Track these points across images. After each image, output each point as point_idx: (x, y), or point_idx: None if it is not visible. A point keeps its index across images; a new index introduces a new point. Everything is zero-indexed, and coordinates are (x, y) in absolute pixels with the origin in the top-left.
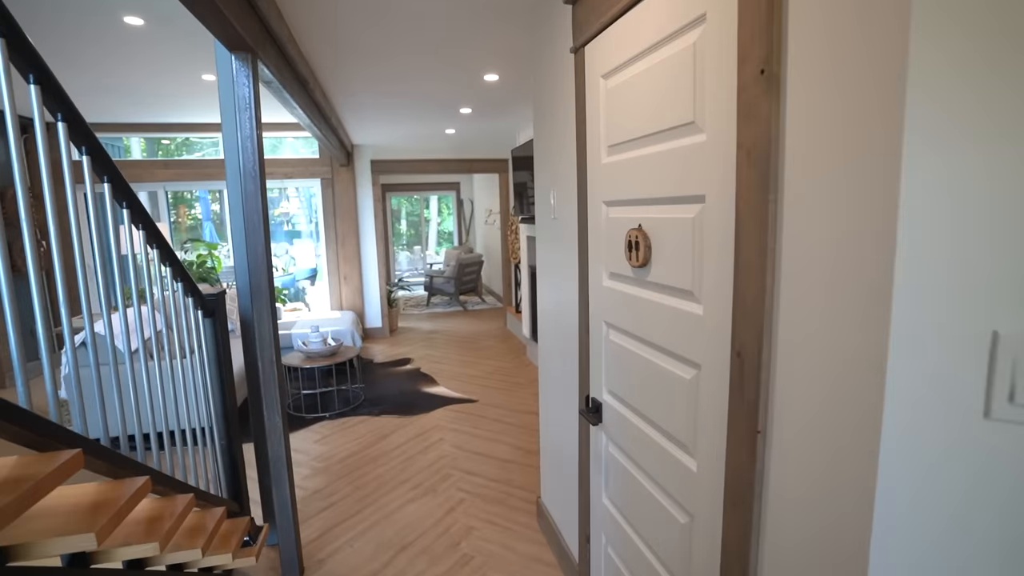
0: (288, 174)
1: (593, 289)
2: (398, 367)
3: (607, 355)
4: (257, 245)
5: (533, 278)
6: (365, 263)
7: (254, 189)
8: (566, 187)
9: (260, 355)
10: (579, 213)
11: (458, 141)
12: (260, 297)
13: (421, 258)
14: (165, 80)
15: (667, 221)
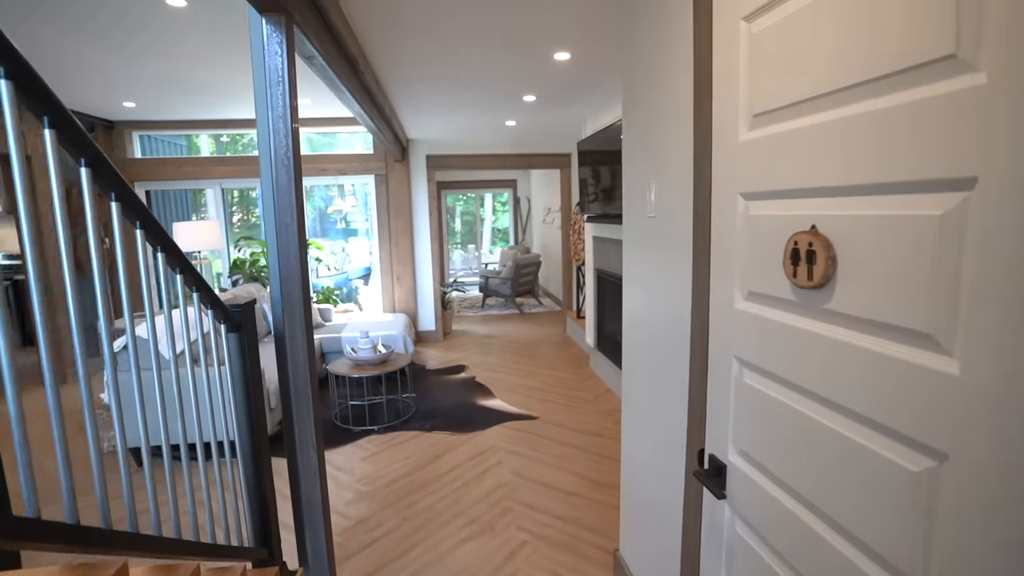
0: (342, 170)
1: (717, 312)
2: (452, 375)
3: (739, 403)
4: (290, 247)
5: (599, 283)
6: (419, 263)
7: (287, 180)
8: (674, 176)
9: (293, 378)
10: (696, 209)
11: (518, 134)
12: (293, 308)
13: (475, 257)
14: (216, 71)
15: (877, 221)
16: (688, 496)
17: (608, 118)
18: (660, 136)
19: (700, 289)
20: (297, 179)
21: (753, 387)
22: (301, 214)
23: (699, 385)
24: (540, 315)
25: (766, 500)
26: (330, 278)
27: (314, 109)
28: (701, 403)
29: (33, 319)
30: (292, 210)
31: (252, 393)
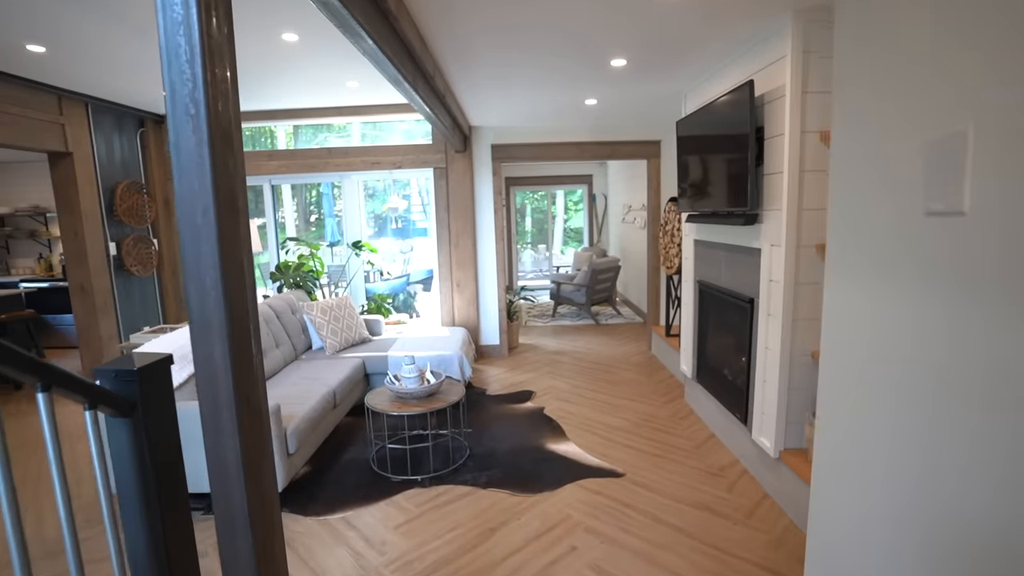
0: (397, 163)
1: None
2: (516, 404)
3: None
4: (201, 242)
5: (701, 298)
6: (482, 268)
7: (194, 141)
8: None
9: (215, 447)
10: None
11: (599, 117)
12: (209, 333)
13: (546, 258)
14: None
15: None
16: None
17: (719, 88)
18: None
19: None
20: (217, 138)
21: None
22: (225, 190)
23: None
24: (619, 328)
25: None
26: (386, 284)
27: (363, 94)
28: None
29: None
30: (205, 183)
31: (158, 525)
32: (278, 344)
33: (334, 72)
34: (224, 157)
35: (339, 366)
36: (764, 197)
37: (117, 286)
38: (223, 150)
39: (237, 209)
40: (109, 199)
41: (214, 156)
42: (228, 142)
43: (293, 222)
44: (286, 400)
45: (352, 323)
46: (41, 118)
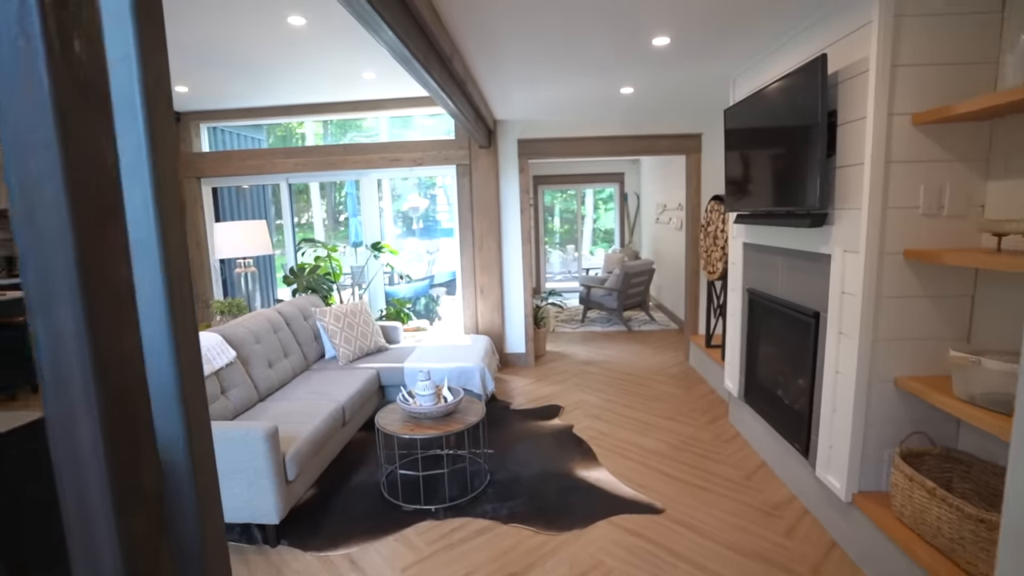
0: (417, 160)
1: None
2: (542, 421)
3: None
4: (48, 224)
5: (752, 309)
6: (507, 272)
7: (30, 92)
8: None
9: (74, 520)
10: None
11: (634, 108)
12: (71, 423)
13: (575, 259)
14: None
15: None
16: None
17: (777, 68)
18: None
19: None
20: (69, 89)
21: None
22: (94, 183)
23: None
24: (652, 335)
25: None
26: (409, 286)
27: (381, 87)
28: None
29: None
30: (45, 135)
31: None
32: (287, 353)
33: (348, 62)
34: (84, 120)
35: (351, 378)
36: (836, 194)
37: None
38: (81, 110)
39: (110, 208)
40: None
41: (61, 113)
42: (93, 98)
43: (321, 222)
44: (289, 418)
45: (367, 331)
46: None
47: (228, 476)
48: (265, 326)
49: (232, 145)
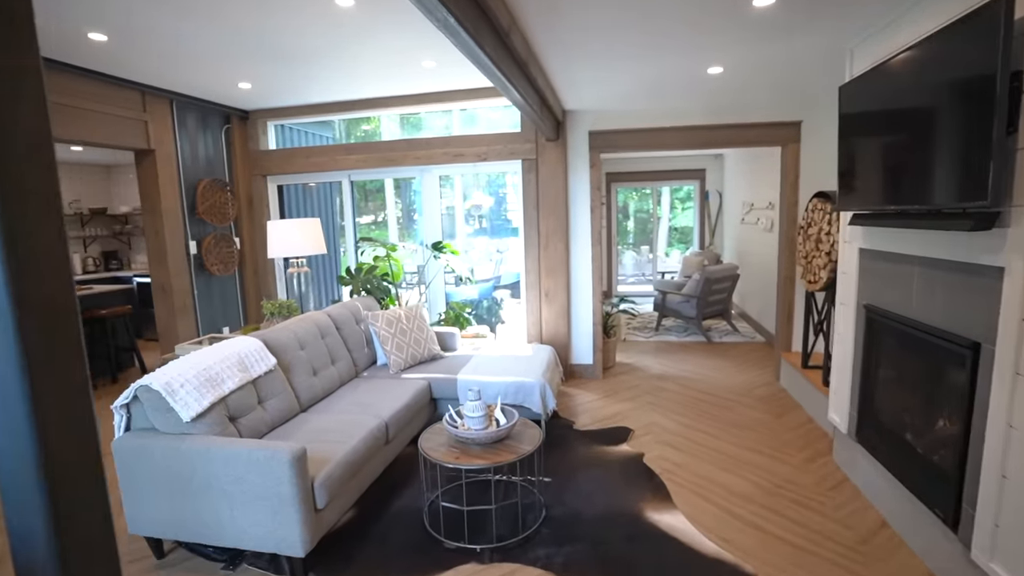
0: (482, 155)
1: None
2: (608, 446)
3: None
4: None
5: (870, 329)
6: (575, 276)
7: None
8: None
9: None
10: None
11: (723, 92)
12: None
13: (648, 260)
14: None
15: None
16: None
17: (916, 29)
18: None
19: None
20: None
21: None
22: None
23: None
24: (735, 348)
25: None
26: (473, 288)
27: (442, 77)
28: None
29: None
30: None
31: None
32: (334, 360)
33: (405, 49)
34: None
35: (400, 389)
36: (1015, 186)
37: (197, 286)
38: None
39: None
40: (191, 197)
41: None
42: None
43: (395, 221)
44: (325, 436)
45: (421, 337)
46: (124, 115)
47: (252, 502)
48: (312, 330)
49: (300, 143)
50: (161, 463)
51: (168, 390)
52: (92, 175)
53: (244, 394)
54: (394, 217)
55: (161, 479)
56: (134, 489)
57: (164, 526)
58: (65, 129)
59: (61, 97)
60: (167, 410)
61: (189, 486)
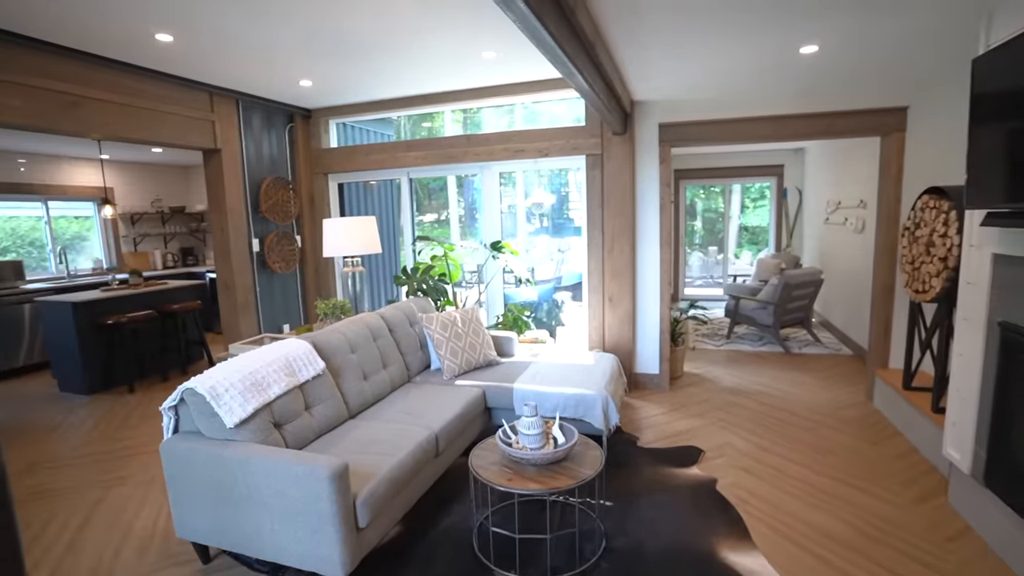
0: (543, 151)
1: None
2: (676, 468)
3: None
4: None
5: (1011, 352)
6: (642, 279)
7: None
8: None
9: None
10: None
11: (815, 74)
12: None
13: (717, 262)
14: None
15: None
16: None
17: None
18: None
19: None
20: None
21: None
22: None
23: None
24: (818, 361)
25: None
26: (533, 289)
27: (504, 68)
28: None
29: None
30: None
31: None
32: (386, 364)
33: (464, 40)
34: None
35: (453, 397)
36: None
37: (259, 283)
38: None
39: None
40: (255, 195)
41: None
42: None
43: (458, 219)
44: (371, 447)
45: (477, 342)
46: (193, 116)
47: (292, 517)
48: (364, 333)
49: (362, 142)
50: (204, 469)
51: (213, 394)
52: (172, 175)
53: (291, 399)
54: (456, 215)
55: (205, 485)
56: (180, 493)
57: (208, 533)
58: (139, 130)
59: (135, 99)
60: (211, 415)
61: (231, 495)
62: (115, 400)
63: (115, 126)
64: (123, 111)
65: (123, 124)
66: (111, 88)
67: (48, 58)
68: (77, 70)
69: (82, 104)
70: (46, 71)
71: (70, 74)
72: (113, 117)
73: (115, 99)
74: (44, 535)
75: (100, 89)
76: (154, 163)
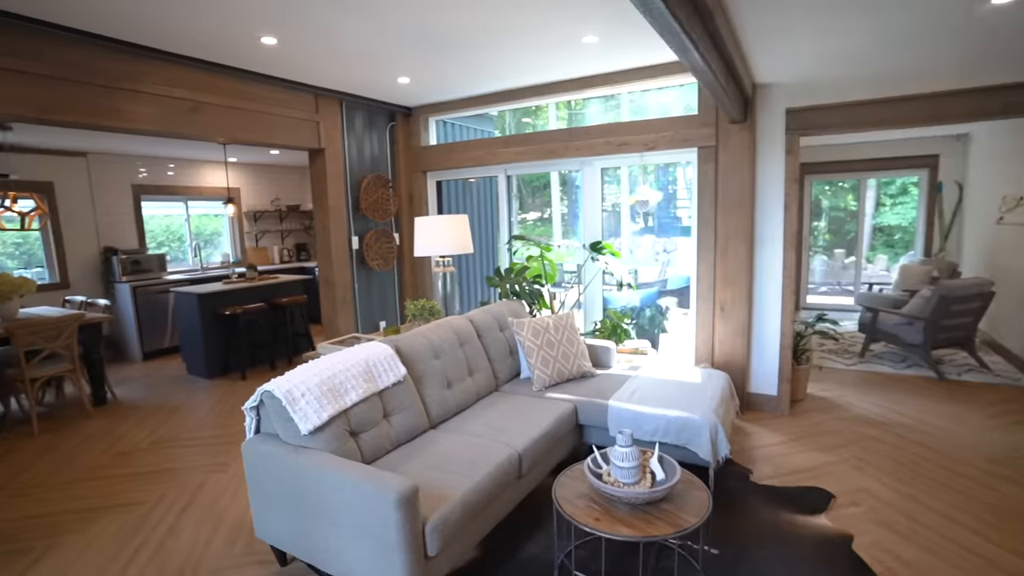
0: (650, 144)
1: None
2: (798, 515)
3: None
4: None
5: None
6: (760, 286)
7: None
8: None
9: None
10: None
11: (998, 34)
12: None
13: (843, 267)
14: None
15: None
16: None
17: None
18: None
19: None
20: None
21: None
22: None
23: None
24: (984, 390)
25: None
26: (635, 293)
27: (606, 55)
28: None
29: None
30: None
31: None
32: (472, 371)
33: (564, 24)
34: None
35: (542, 412)
36: None
37: (357, 280)
38: None
39: None
40: (355, 194)
41: None
42: None
43: (560, 218)
44: (447, 465)
45: (571, 351)
46: (300, 117)
47: (359, 536)
48: (450, 338)
49: (460, 139)
50: (279, 474)
51: (289, 398)
52: (289, 175)
53: (368, 407)
54: (559, 214)
55: (280, 490)
56: (259, 494)
57: (283, 537)
58: (252, 132)
59: (247, 103)
60: (287, 420)
61: (304, 503)
62: (229, 386)
63: (230, 129)
64: (236, 114)
65: (237, 127)
66: (225, 93)
67: (170, 68)
68: (194, 77)
69: (201, 109)
70: (170, 79)
71: (188, 81)
72: (228, 120)
73: (229, 103)
74: (152, 514)
75: (215, 94)
76: (273, 164)
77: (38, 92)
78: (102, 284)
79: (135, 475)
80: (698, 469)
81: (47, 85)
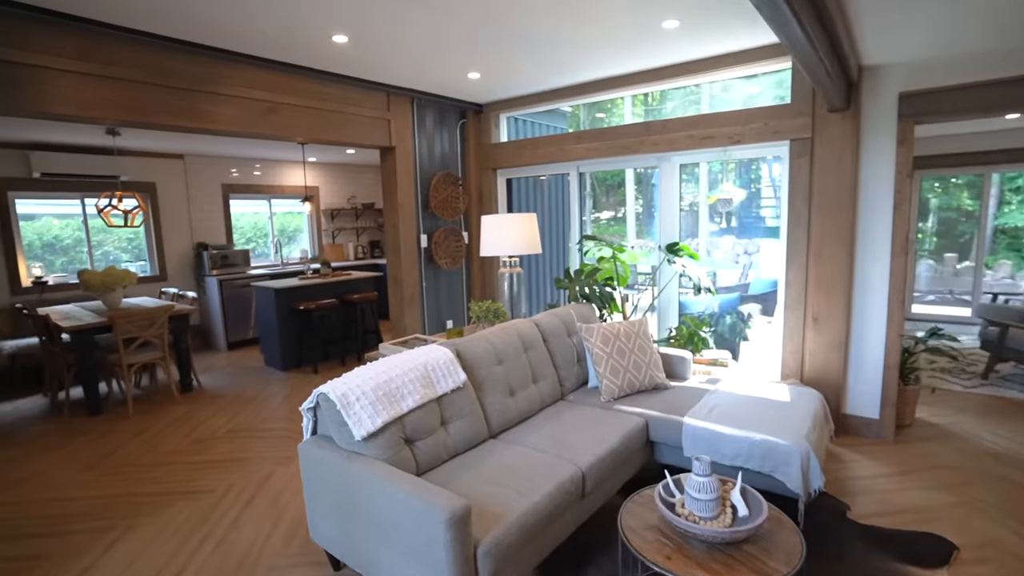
0: (735, 137)
1: None
2: (909, 566)
3: None
4: None
5: None
6: (861, 295)
7: None
8: None
9: None
10: None
11: None
12: None
13: (956, 272)
14: None
15: None
16: None
17: None
18: None
19: None
20: None
21: None
22: None
23: None
24: None
25: None
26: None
27: (687, 41)
28: None
29: None
30: None
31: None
32: (537, 379)
33: (641, 7)
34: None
35: (609, 425)
36: None
37: (425, 278)
38: None
39: None
40: (424, 192)
41: None
42: None
43: (635, 217)
44: (504, 480)
45: (643, 361)
46: (372, 115)
47: (408, 553)
48: (514, 343)
49: (531, 135)
50: (331, 481)
51: (344, 402)
52: (364, 174)
53: (425, 413)
54: (633, 213)
55: (332, 496)
56: (313, 497)
57: (334, 542)
58: (326, 131)
59: (321, 102)
60: (341, 423)
61: (355, 512)
62: (301, 379)
63: (306, 128)
64: (311, 114)
65: (312, 126)
66: (300, 93)
67: (248, 70)
68: (272, 78)
69: (278, 109)
70: (248, 81)
71: (265, 82)
72: (304, 120)
73: (304, 103)
74: (220, 505)
75: (291, 94)
76: (349, 163)
77: (130, 96)
78: (194, 277)
79: (209, 463)
80: (784, 500)
81: (139, 90)
